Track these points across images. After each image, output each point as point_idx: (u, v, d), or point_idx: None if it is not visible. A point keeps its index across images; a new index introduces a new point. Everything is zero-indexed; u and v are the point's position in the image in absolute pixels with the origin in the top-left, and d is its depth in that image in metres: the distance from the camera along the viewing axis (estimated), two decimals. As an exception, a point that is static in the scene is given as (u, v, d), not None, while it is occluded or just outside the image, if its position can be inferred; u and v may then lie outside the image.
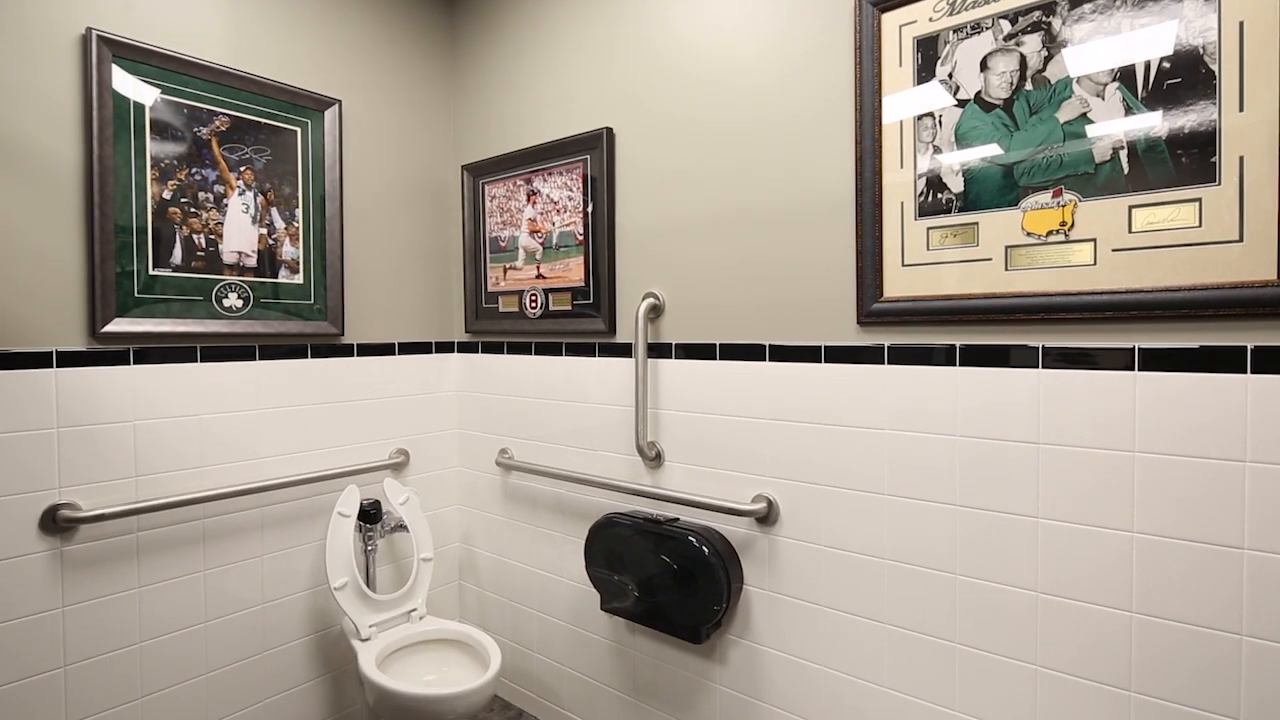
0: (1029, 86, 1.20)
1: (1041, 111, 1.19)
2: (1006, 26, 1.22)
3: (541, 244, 2.03)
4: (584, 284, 1.92)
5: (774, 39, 1.52)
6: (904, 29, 1.32)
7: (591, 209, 1.88)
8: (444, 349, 2.31)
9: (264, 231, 1.84)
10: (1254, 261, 1.02)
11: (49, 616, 1.49)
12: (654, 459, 1.77)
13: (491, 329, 2.18)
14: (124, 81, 1.58)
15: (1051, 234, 1.19)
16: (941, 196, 1.30)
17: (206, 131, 1.72)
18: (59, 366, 1.50)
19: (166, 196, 1.65)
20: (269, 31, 1.85)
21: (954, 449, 1.30)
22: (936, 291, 1.31)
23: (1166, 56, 1.08)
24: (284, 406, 1.89)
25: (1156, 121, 1.09)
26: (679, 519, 1.68)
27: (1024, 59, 1.21)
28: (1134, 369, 1.12)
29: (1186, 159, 1.07)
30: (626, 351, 1.84)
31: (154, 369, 1.64)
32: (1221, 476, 1.06)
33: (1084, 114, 1.15)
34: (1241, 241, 1.03)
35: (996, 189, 1.24)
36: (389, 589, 2.13)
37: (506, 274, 2.14)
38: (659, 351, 1.76)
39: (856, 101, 1.38)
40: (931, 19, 1.29)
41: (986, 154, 1.25)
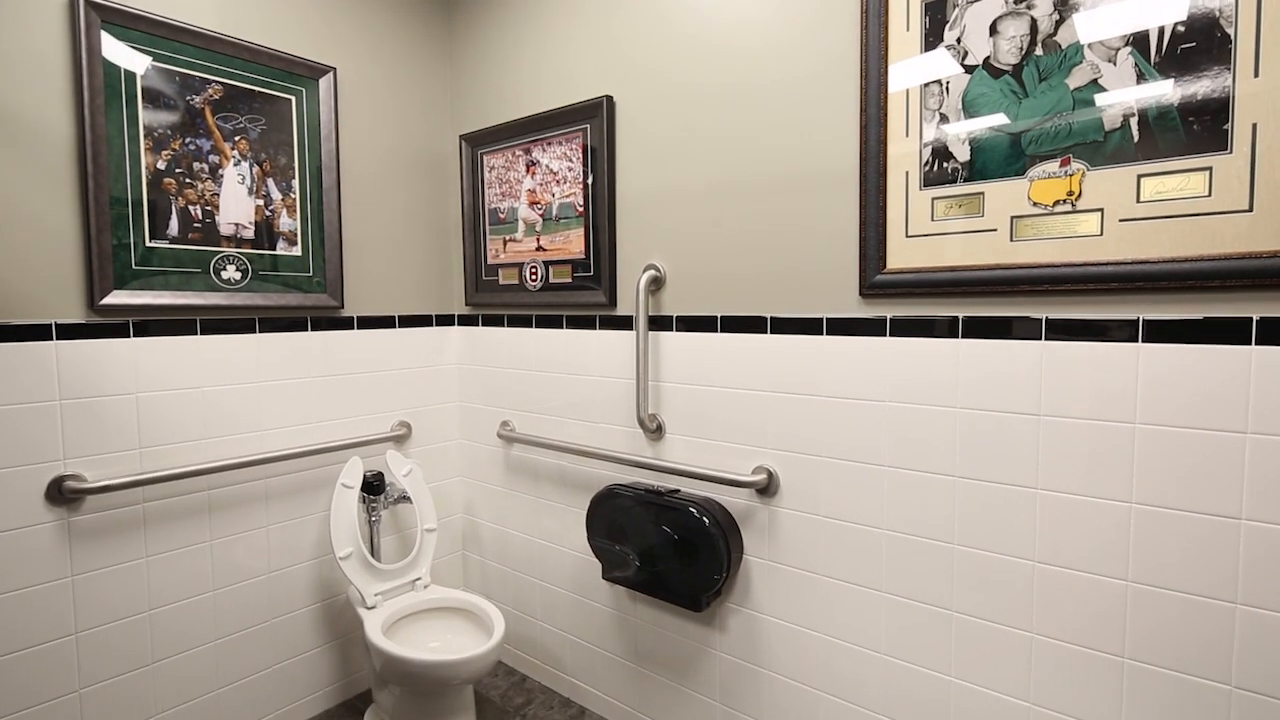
0: (1039, 52, 1.17)
1: (1051, 78, 1.16)
2: (1017, -11, 1.18)
3: (541, 215, 2.01)
4: (584, 256, 1.91)
5: (779, 1, 1.48)
6: (912, -8, 1.29)
7: (592, 180, 1.86)
8: (444, 322, 2.31)
9: (260, 203, 1.82)
10: (1263, 231, 1.01)
11: (58, 585, 1.51)
12: (655, 431, 1.77)
13: (492, 301, 2.17)
14: (114, 48, 1.54)
15: (1058, 204, 1.17)
16: (947, 166, 1.27)
17: (200, 100, 1.69)
18: (59, 339, 1.50)
19: (161, 167, 1.63)
20: (261, -4, 1.80)
21: (955, 421, 1.31)
22: (940, 263, 1.30)
23: (1181, 21, 1.05)
24: (285, 379, 1.89)
25: (1169, 88, 1.06)
26: (680, 490, 1.70)
27: (1034, 23, 1.18)
28: (1138, 340, 1.12)
29: (1199, 126, 1.04)
30: (627, 324, 1.83)
31: (155, 341, 1.64)
32: (1222, 448, 1.06)
33: (1095, 80, 1.12)
34: (1251, 211, 1.01)
35: (1003, 158, 1.22)
36: (394, 559, 2.16)
37: (506, 246, 2.12)
38: (660, 324, 1.76)
39: (862, 67, 1.35)
40: (940, -19, 1.26)
41: (994, 122, 1.22)
